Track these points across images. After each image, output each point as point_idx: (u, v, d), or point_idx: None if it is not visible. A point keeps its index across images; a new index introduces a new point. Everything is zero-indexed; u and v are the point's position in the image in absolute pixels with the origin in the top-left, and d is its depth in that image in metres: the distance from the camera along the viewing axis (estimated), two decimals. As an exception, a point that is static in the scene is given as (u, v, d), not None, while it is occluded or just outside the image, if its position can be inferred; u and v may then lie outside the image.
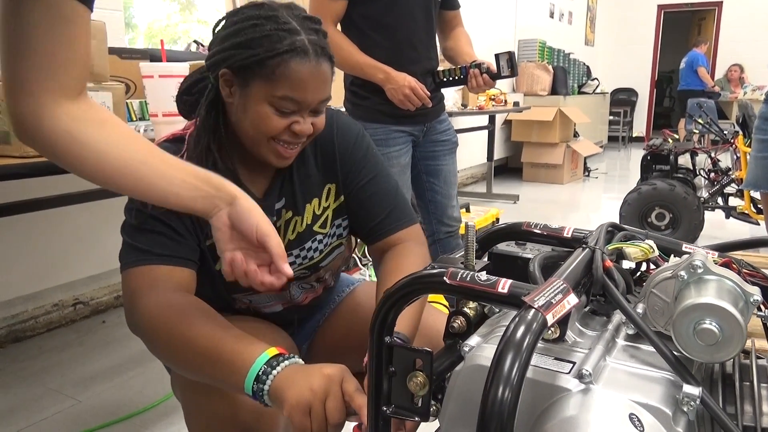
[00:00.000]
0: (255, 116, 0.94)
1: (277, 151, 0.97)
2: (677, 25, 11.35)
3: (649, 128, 10.77)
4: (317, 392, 0.75)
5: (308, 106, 0.96)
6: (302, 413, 0.75)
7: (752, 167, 1.96)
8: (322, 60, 0.94)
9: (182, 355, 0.84)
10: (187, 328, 0.84)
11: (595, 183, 6.72)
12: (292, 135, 0.96)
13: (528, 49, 7.06)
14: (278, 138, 0.96)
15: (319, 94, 0.95)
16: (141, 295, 0.89)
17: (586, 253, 0.70)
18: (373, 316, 0.66)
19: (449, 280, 0.62)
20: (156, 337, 0.87)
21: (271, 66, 0.90)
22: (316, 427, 0.75)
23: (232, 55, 0.92)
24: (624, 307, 0.61)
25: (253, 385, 0.77)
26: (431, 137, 2.05)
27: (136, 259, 0.93)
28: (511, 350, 0.49)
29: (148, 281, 0.91)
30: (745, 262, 0.77)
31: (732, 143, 3.83)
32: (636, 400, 0.53)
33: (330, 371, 0.78)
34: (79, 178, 0.76)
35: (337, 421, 0.76)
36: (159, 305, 0.87)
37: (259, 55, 0.90)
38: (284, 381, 0.76)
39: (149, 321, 0.87)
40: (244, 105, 0.95)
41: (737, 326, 0.52)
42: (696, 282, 0.58)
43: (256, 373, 0.77)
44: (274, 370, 0.77)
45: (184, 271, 0.94)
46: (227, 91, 0.96)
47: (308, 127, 0.97)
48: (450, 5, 2.08)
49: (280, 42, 0.90)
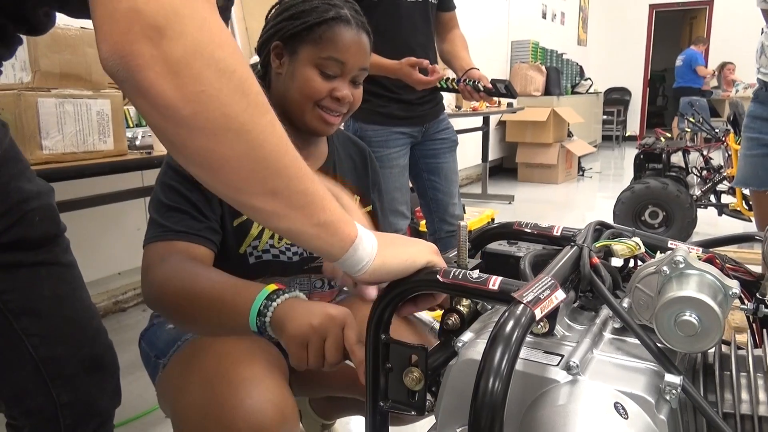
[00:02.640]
0: (301, 79, 1.04)
1: (321, 117, 1.07)
2: (669, 24, 11.43)
3: (643, 127, 10.83)
4: (317, 329, 0.74)
5: (350, 71, 1.07)
6: (299, 345, 0.74)
7: (742, 165, 2.00)
8: (362, 31, 1.08)
9: (190, 312, 0.84)
10: (191, 284, 0.84)
11: (590, 182, 6.76)
12: (334, 101, 1.06)
13: (521, 50, 7.10)
14: (322, 104, 1.06)
15: (359, 59, 1.07)
16: (154, 267, 0.91)
17: (574, 250, 0.73)
18: (369, 314, 0.68)
19: (442, 279, 0.65)
20: (166, 302, 0.87)
21: (319, 31, 1.03)
22: (312, 360, 0.75)
23: (284, 27, 1.05)
24: (610, 301, 0.64)
25: (256, 320, 0.76)
26: (431, 136, 2.09)
27: (154, 234, 0.95)
28: (501, 344, 0.51)
29: (161, 254, 0.92)
30: (728, 257, 0.80)
31: (723, 141, 3.88)
32: (621, 389, 0.56)
33: (333, 312, 0.75)
34: (75, 185, 0.78)
35: (334, 361, 0.75)
36: (168, 272, 0.88)
37: (308, 22, 1.03)
38: (285, 313, 0.75)
39: (159, 288, 0.88)
40: (292, 72, 1.05)
41: (715, 318, 0.55)
42: (678, 276, 0.61)
43: (257, 308, 0.76)
44: (274, 302, 0.76)
45: (200, 248, 0.96)
46: (277, 63, 1.07)
47: (348, 93, 1.07)
48: (446, 6, 2.12)
49: (327, 12, 1.04)
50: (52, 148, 1.45)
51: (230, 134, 0.51)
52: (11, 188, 0.93)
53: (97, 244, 2.59)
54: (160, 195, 0.99)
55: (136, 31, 0.46)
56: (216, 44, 0.49)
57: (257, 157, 0.53)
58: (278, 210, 0.57)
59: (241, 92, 0.51)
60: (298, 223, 0.59)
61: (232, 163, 0.53)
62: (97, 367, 1.07)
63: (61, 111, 1.54)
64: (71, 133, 1.56)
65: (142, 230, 0.98)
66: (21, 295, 0.96)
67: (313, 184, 0.59)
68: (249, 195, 0.56)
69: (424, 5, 1.97)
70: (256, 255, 1.06)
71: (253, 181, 0.55)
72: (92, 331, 1.06)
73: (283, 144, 0.56)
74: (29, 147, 1.43)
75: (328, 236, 0.62)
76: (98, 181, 1.94)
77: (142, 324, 1.21)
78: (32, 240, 0.96)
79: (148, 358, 1.11)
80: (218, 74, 0.49)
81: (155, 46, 0.47)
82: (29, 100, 1.47)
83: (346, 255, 0.64)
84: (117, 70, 0.48)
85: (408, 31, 1.94)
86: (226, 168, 0.53)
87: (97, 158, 1.64)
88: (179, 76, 0.48)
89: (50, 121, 1.51)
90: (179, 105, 0.48)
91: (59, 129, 1.53)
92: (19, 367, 0.99)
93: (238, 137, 0.52)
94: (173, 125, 0.50)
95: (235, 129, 0.51)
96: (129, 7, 0.46)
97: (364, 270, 0.65)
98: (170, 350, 1.05)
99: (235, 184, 0.55)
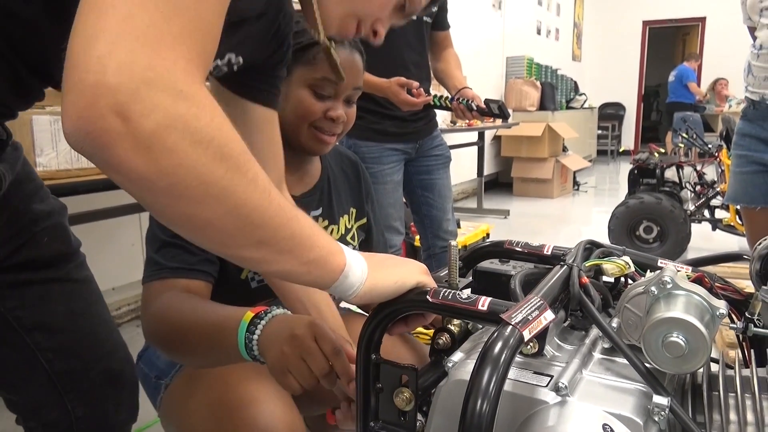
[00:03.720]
0: (295, 100, 1.05)
1: (316, 137, 1.08)
2: (662, 40, 11.55)
3: (638, 142, 10.89)
4: (290, 354, 0.74)
5: (343, 91, 1.08)
6: (281, 374, 0.75)
7: (732, 182, 2.01)
8: (355, 51, 1.09)
9: (183, 349, 0.86)
10: (179, 323, 0.85)
11: (585, 197, 6.78)
12: (329, 121, 1.07)
13: (516, 66, 7.16)
14: (316, 124, 1.07)
15: (352, 79, 1.08)
16: (149, 305, 0.92)
17: (564, 270, 0.74)
18: (360, 334, 0.68)
19: (432, 299, 0.65)
20: (160, 340, 0.89)
21: (312, 52, 1.04)
22: (303, 381, 0.74)
23: None
24: (598, 321, 0.64)
25: (248, 354, 0.77)
26: (424, 153, 2.11)
27: (150, 273, 0.96)
28: (489, 365, 0.51)
29: (156, 293, 0.93)
30: (717, 276, 0.81)
31: (716, 156, 3.90)
32: (609, 410, 0.56)
33: (298, 331, 0.75)
34: (69, 201, 0.78)
35: (323, 373, 0.75)
36: (159, 311, 0.89)
37: (301, 43, 1.03)
38: (264, 344, 0.76)
39: (153, 326, 0.89)
40: (286, 93, 1.04)
41: (702, 339, 0.55)
42: (666, 297, 0.61)
43: (243, 343, 0.77)
44: (255, 335, 0.77)
45: (195, 282, 0.96)
46: None
47: (342, 113, 1.08)
48: (440, 26, 2.14)
49: None
50: (46, 165, 1.46)
51: (210, 199, 0.49)
52: (21, 210, 0.94)
53: (92, 260, 2.55)
54: (156, 229, 0.99)
55: (102, 106, 0.43)
56: (192, 115, 0.46)
57: (240, 215, 0.52)
58: (266, 257, 0.57)
59: (220, 158, 0.48)
60: (288, 265, 0.59)
61: (215, 224, 0.51)
62: (115, 381, 1.06)
63: (55, 128, 1.54)
64: (65, 150, 1.57)
65: (136, 246, 0.99)
66: (32, 311, 0.97)
67: (299, 226, 0.59)
68: (236, 248, 0.55)
69: (418, 24, 1.99)
70: (258, 279, 1.06)
71: (238, 236, 0.54)
72: (110, 345, 1.07)
73: (266, 197, 0.54)
74: (23, 164, 1.43)
75: (318, 271, 0.62)
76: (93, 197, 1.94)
77: (137, 339, 1.20)
78: (42, 260, 0.97)
79: (147, 378, 1.10)
80: (194, 145, 0.47)
81: (123, 122, 0.43)
82: (23, 117, 1.47)
83: (336, 283, 0.64)
84: (82, 146, 0.45)
85: (402, 49, 1.96)
86: (210, 229, 0.52)
87: (91, 175, 1.64)
88: (152, 150, 0.45)
89: (44, 138, 1.51)
90: (154, 178, 0.46)
91: (53, 146, 1.54)
92: (34, 380, 1.00)
93: (219, 201, 0.50)
94: (150, 195, 0.48)
95: (215, 194, 0.49)
96: (97, 80, 0.43)
97: (355, 294, 0.65)
98: (172, 370, 1.05)
99: (220, 241, 0.54)
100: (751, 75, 1.90)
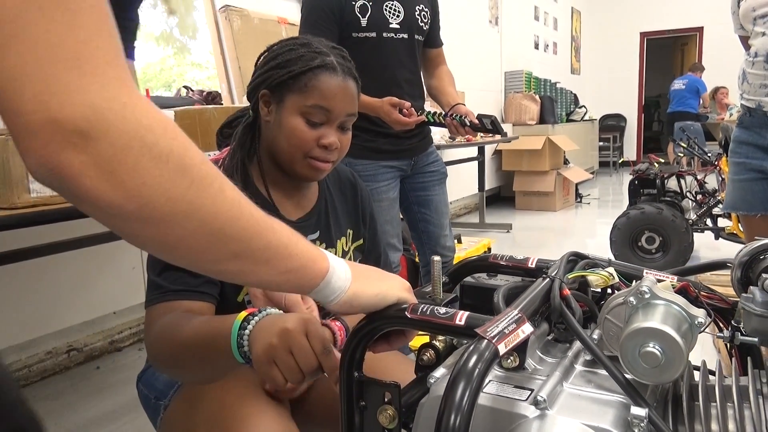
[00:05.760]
0: (288, 128, 1.05)
1: (311, 166, 1.07)
2: (660, 51, 11.59)
3: (640, 153, 10.88)
4: (278, 345, 0.73)
5: (336, 117, 1.07)
6: (265, 364, 0.73)
7: (730, 190, 2.01)
8: (348, 78, 1.08)
9: (183, 364, 0.86)
10: (179, 339, 0.85)
11: (588, 209, 6.77)
12: (323, 149, 1.06)
13: (515, 80, 7.19)
14: (310, 154, 1.06)
15: (345, 106, 1.07)
16: (152, 328, 0.92)
17: (545, 282, 0.73)
18: (342, 353, 0.68)
19: (410, 315, 0.65)
20: (162, 360, 0.89)
21: (304, 80, 1.04)
22: (287, 375, 0.73)
23: (270, 76, 1.06)
24: (578, 332, 0.63)
25: (239, 354, 0.76)
26: (420, 169, 2.12)
27: (152, 297, 0.96)
28: (462, 380, 0.51)
29: (159, 315, 0.93)
30: (703, 284, 0.80)
31: (717, 165, 3.89)
32: (589, 423, 0.55)
33: (290, 325, 0.75)
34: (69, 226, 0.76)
35: (310, 369, 0.74)
36: (159, 331, 0.89)
37: (294, 71, 1.03)
38: (254, 337, 0.76)
39: (155, 348, 0.89)
40: (279, 120, 1.06)
41: (678, 349, 0.55)
42: (644, 307, 0.61)
43: (236, 342, 0.76)
44: (246, 330, 0.76)
45: (198, 304, 0.96)
46: (266, 111, 1.08)
47: (335, 140, 1.07)
48: (433, 44, 2.15)
49: (312, 60, 1.04)
50: (39, 192, 1.47)
51: (179, 216, 0.49)
52: None
53: (93, 284, 2.59)
54: None
55: (59, 141, 0.43)
56: (144, 128, 0.46)
57: (211, 229, 0.52)
58: (243, 269, 0.57)
59: (181, 171, 0.49)
60: (266, 275, 0.59)
61: (188, 241, 0.52)
62: None
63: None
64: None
65: (137, 269, 0.99)
66: None
67: (275, 236, 0.59)
68: (212, 263, 0.56)
69: (410, 42, 2.01)
70: None
71: (212, 251, 0.54)
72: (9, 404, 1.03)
73: (236, 208, 0.54)
74: (17, 191, 1.44)
75: (297, 279, 0.62)
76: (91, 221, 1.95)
77: (139, 363, 1.20)
78: None
79: (147, 400, 1.10)
80: (154, 161, 0.47)
81: (82, 151, 0.43)
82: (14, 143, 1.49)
83: (317, 288, 0.65)
84: (50, 182, 0.45)
85: (394, 67, 1.98)
86: (183, 246, 0.52)
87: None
88: (115, 174, 0.45)
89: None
90: (122, 203, 0.46)
91: (48, 172, 1.55)
92: None
93: (188, 217, 0.50)
94: (120, 221, 0.48)
95: (183, 210, 0.49)
96: (44, 118, 0.42)
97: (337, 300, 0.66)
98: (171, 391, 1.05)
99: (195, 257, 0.54)
100: (746, 82, 1.91)
